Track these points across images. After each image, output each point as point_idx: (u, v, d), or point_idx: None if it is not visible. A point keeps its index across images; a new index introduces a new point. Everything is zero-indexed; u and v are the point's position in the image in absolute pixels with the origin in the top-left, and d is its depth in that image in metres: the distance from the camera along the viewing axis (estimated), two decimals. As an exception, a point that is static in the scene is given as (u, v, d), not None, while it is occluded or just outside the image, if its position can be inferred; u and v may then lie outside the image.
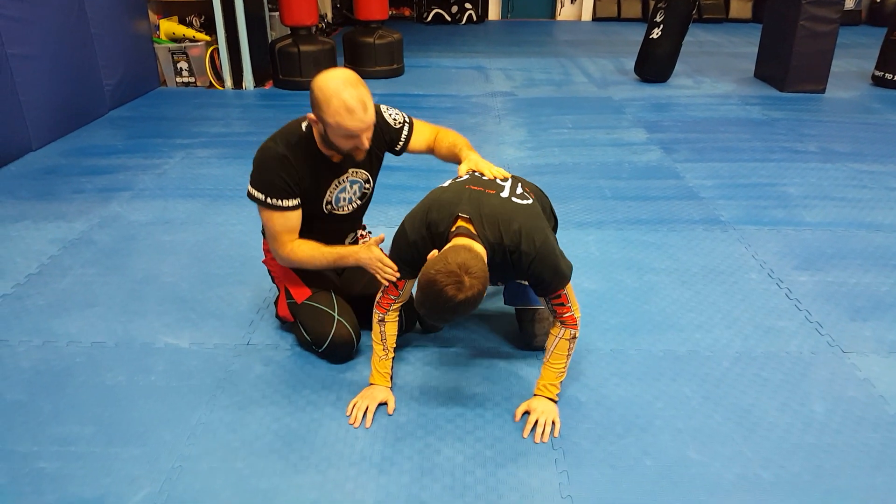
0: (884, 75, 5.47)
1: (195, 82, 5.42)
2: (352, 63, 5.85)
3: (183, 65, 5.35)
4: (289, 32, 5.48)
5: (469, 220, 1.69)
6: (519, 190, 1.83)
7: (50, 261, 2.66)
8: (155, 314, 2.31)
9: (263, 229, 2.01)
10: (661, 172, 3.63)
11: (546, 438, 1.77)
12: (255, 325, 2.25)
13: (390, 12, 8.61)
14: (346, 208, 2.05)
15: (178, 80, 5.41)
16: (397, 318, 1.91)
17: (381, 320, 1.89)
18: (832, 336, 2.21)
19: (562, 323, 1.81)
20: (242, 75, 5.36)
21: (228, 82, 5.37)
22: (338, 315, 2.03)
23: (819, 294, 2.45)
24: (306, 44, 5.30)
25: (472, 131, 4.33)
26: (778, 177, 3.57)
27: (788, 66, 5.21)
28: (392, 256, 1.83)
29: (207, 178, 3.51)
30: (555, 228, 2.08)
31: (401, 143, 2.08)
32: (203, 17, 5.49)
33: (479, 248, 1.65)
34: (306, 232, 1.98)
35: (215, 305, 2.36)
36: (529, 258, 1.69)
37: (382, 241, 1.87)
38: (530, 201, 1.81)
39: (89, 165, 3.68)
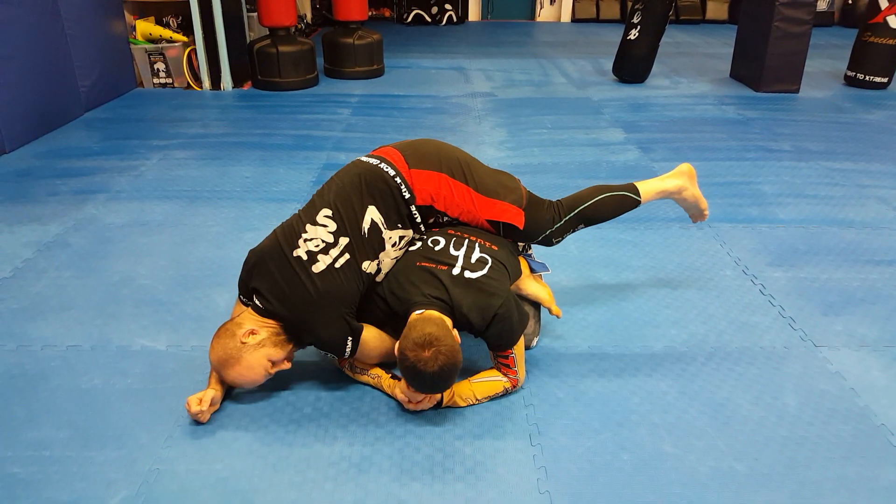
0: (855, 75, 5.57)
1: (172, 83, 5.37)
2: (331, 64, 5.84)
3: (160, 66, 5.30)
4: (267, 33, 5.45)
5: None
6: (475, 256, 1.84)
7: (24, 264, 2.62)
8: (131, 317, 2.29)
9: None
10: (639, 172, 3.67)
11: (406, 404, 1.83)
12: (233, 326, 2.24)
13: (370, 13, 8.60)
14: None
15: (156, 81, 5.36)
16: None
17: (352, 365, 1.96)
18: (805, 331, 2.25)
19: (504, 374, 1.90)
20: (220, 76, 5.32)
21: (206, 83, 5.32)
22: None
23: (792, 290, 2.50)
24: (285, 44, 5.28)
25: (452, 132, 4.34)
26: (753, 175, 3.62)
27: (763, 66, 5.29)
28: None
29: (185, 180, 3.48)
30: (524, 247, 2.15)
31: None
32: (180, 18, 5.44)
33: (442, 316, 1.73)
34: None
35: (192, 308, 2.35)
36: (480, 331, 1.78)
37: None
38: (484, 271, 1.81)
39: (64, 167, 3.63)
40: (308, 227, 1.82)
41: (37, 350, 2.11)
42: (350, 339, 1.80)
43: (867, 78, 5.50)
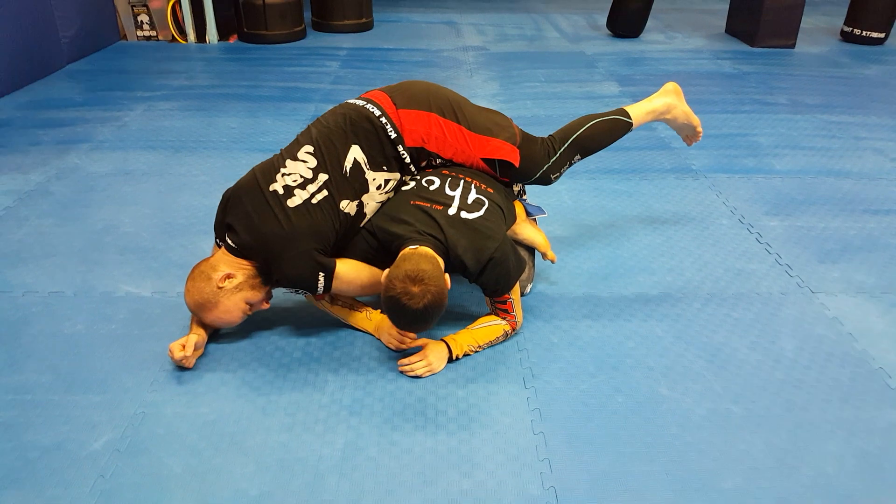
0: (852, 31, 5.47)
1: (157, 36, 5.20)
2: (319, 17, 5.67)
3: (143, 17, 5.12)
4: (253, -16, 5.26)
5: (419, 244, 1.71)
6: (471, 197, 1.78)
7: (5, 212, 2.54)
8: (116, 264, 2.23)
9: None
10: (634, 124, 3.60)
11: (412, 373, 1.75)
12: (220, 273, 2.18)
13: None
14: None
15: (139, 33, 5.19)
16: None
17: (332, 297, 1.91)
18: (801, 277, 2.23)
19: (503, 319, 1.86)
20: (206, 29, 5.16)
21: (191, 36, 5.15)
22: None
23: (789, 238, 2.47)
24: (271, -5, 5.10)
25: (443, 84, 4.22)
26: (749, 127, 3.56)
27: (759, 21, 5.18)
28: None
29: (170, 130, 3.38)
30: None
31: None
32: (162, -33, 5.24)
33: (436, 256, 1.67)
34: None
35: (178, 255, 2.29)
36: (475, 274, 1.73)
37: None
38: (480, 213, 1.76)
39: (46, 118, 3.52)
40: (288, 162, 1.76)
41: (18, 296, 2.05)
42: (322, 274, 1.73)
43: (864, 33, 5.40)
